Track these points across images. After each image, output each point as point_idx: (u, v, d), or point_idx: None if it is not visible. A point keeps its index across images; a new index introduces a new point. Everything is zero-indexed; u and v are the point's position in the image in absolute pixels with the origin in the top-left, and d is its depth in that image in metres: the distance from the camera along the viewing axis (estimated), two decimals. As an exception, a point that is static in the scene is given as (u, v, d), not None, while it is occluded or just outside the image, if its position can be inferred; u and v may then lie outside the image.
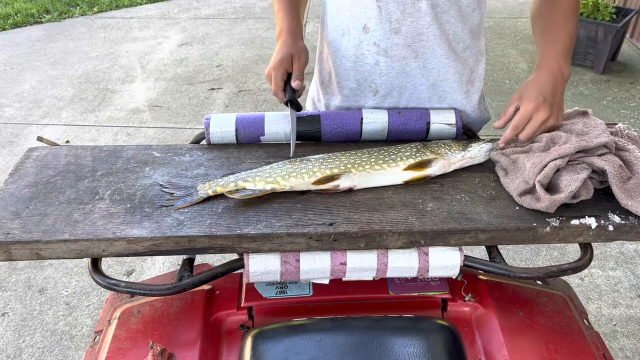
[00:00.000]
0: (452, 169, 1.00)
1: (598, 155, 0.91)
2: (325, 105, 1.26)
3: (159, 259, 2.36)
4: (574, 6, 1.09)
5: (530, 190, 0.91)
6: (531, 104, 0.99)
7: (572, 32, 1.08)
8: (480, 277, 1.04)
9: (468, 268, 0.90)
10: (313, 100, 1.32)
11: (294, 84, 1.05)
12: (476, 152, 1.01)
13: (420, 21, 1.07)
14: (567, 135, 0.94)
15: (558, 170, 0.91)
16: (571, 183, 0.88)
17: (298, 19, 1.14)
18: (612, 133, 0.97)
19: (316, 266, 0.87)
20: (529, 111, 0.98)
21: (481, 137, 1.09)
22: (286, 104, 1.06)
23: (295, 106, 1.06)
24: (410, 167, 0.96)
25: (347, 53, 1.14)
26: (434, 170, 0.97)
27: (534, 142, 0.99)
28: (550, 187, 0.91)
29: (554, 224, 0.87)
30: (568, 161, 0.92)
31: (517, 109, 1.01)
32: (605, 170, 0.89)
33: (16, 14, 5.28)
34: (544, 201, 0.87)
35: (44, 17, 5.32)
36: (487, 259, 0.93)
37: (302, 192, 0.94)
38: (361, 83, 1.17)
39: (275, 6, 1.17)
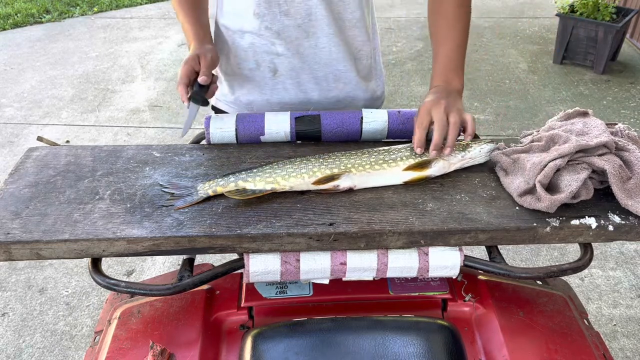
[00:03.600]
0: (452, 169, 1.00)
1: (598, 155, 0.91)
2: (229, 89, 1.27)
3: (159, 259, 2.36)
4: (460, 13, 1.10)
5: (531, 190, 0.91)
6: (427, 103, 1.01)
7: (459, 41, 1.10)
8: (480, 277, 1.04)
9: (468, 268, 0.90)
10: (216, 98, 1.33)
11: (200, 79, 1.07)
12: (476, 153, 1.01)
13: (308, 2, 1.11)
14: (566, 135, 0.94)
15: (558, 170, 0.91)
16: (571, 183, 0.88)
17: (201, 25, 1.17)
18: (612, 133, 0.97)
19: (316, 266, 0.87)
20: (427, 107, 1.00)
21: (481, 137, 1.09)
22: (189, 99, 1.08)
23: (200, 101, 1.08)
24: (410, 168, 0.96)
25: (244, 35, 1.18)
26: (434, 170, 0.97)
27: (534, 141, 0.99)
28: (551, 187, 0.91)
29: (554, 224, 0.87)
30: (568, 161, 0.92)
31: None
32: (605, 170, 0.89)
33: (16, 14, 5.28)
34: (545, 201, 0.87)
35: (44, 17, 5.32)
36: (487, 259, 0.93)
37: (302, 192, 0.94)
38: (260, 63, 1.19)
39: (179, 18, 1.20)
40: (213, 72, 1.11)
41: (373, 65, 1.27)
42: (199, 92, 1.08)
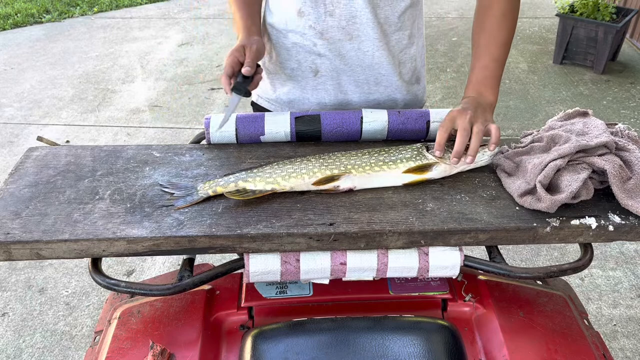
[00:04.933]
0: (454, 172, 0.99)
1: (598, 155, 0.91)
2: (271, 87, 1.27)
3: (159, 259, 2.36)
4: (502, 27, 1.09)
5: (531, 191, 0.91)
6: (453, 111, 1.01)
7: (497, 55, 1.09)
8: (480, 277, 1.04)
9: (468, 268, 0.90)
10: (257, 95, 1.32)
11: (244, 69, 1.06)
12: (479, 157, 1.00)
13: (353, 4, 1.10)
14: (567, 135, 0.94)
15: (559, 170, 0.91)
16: (572, 183, 0.88)
17: (252, 18, 1.17)
18: (612, 133, 0.97)
19: (316, 266, 0.87)
20: (453, 115, 1.00)
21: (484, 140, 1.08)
22: (232, 90, 1.07)
23: (243, 92, 1.07)
24: (411, 170, 0.96)
25: (287, 34, 1.18)
26: (434, 174, 0.97)
27: (534, 141, 0.99)
28: (551, 187, 0.91)
29: (554, 224, 0.87)
30: (569, 161, 0.92)
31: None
32: (606, 170, 0.89)
33: (16, 14, 5.28)
34: (545, 201, 0.87)
35: (44, 17, 5.32)
36: (487, 259, 0.93)
37: (302, 192, 0.94)
38: (302, 63, 1.20)
39: (232, 9, 1.20)
40: (259, 63, 1.10)
41: (417, 68, 1.26)
42: (242, 83, 1.07)
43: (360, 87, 1.21)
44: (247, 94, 1.08)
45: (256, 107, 1.34)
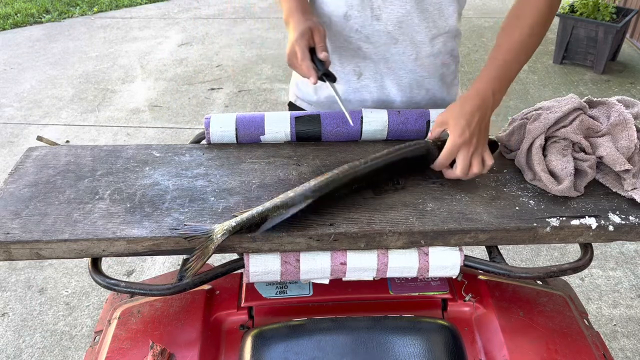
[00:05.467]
0: None
1: (571, 122, 0.98)
2: (313, 89, 1.24)
3: (159, 259, 2.36)
4: (528, 35, 1.02)
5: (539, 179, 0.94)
6: (458, 139, 0.95)
7: (508, 57, 1.01)
8: (481, 277, 1.04)
9: (468, 268, 0.90)
10: (296, 96, 1.30)
11: (322, 55, 1.01)
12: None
13: (400, 9, 1.09)
14: (537, 113, 1.00)
15: (546, 156, 0.94)
16: (565, 166, 0.91)
17: (305, 0, 1.11)
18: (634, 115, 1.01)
19: (316, 266, 0.87)
20: (457, 146, 0.95)
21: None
22: (321, 78, 1.02)
23: (332, 78, 1.03)
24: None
25: (331, 38, 1.15)
26: None
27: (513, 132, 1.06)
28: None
29: (554, 224, 0.87)
30: (550, 141, 0.96)
31: (443, 131, 0.99)
32: (581, 142, 0.94)
33: (16, 14, 5.28)
34: (558, 185, 0.91)
35: (44, 17, 5.32)
36: (487, 259, 0.93)
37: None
38: (345, 66, 1.18)
39: None
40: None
41: (457, 70, 1.25)
42: (326, 69, 1.01)
43: (403, 91, 1.19)
44: (335, 79, 1.04)
45: (294, 108, 1.31)
